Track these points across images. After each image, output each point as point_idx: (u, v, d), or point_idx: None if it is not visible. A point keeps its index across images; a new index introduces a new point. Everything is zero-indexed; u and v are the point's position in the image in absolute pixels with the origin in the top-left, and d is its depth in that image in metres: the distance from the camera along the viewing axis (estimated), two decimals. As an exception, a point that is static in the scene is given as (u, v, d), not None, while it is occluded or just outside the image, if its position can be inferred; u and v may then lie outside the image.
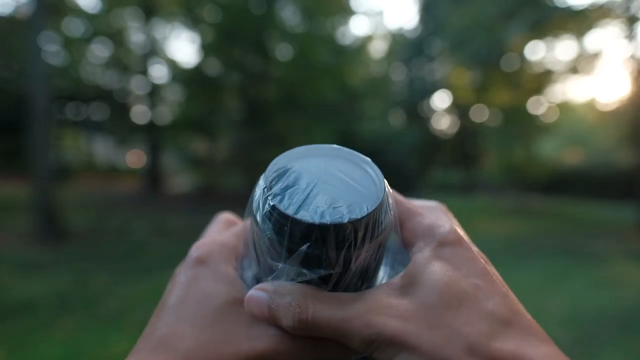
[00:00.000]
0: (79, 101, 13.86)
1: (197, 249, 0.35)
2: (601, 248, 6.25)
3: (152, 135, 12.12)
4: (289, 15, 10.77)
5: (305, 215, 0.28)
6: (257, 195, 0.32)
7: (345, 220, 0.28)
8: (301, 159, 0.33)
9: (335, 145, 0.34)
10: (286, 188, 0.30)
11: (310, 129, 10.71)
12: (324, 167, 0.32)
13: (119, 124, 14.43)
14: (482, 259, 0.31)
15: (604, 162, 14.08)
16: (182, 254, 0.36)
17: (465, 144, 17.11)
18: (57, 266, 4.67)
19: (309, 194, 0.30)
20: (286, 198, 0.29)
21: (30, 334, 2.98)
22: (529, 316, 0.28)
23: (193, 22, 10.95)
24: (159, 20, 11.89)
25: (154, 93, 12.33)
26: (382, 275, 0.35)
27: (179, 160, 15.02)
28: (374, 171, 0.33)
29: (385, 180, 0.32)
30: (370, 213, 0.29)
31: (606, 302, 3.87)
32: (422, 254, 0.31)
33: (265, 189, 0.30)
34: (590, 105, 16.10)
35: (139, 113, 13.63)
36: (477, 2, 9.83)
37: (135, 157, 18.06)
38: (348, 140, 12.33)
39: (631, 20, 8.15)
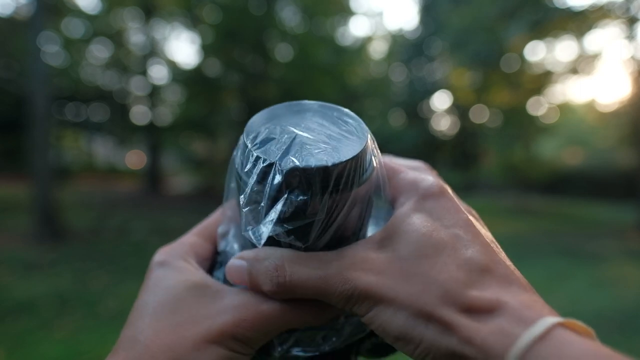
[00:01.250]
0: (79, 102, 13.86)
1: (158, 253, 0.36)
2: (601, 248, 6.25)
3: (152, 136, 12.12)
4: (289, 16, 10.77)
5: (288, 161, 0.28)
6: (239, 153, 0.32)
7: (330, 164, 0.28)
8: (280, 115, 0.33)
9: (315, 101, 0.34)
10: (267, 140, 0.30)
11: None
12: (306, 120, 0.32)
13: (119, 124, 14.44)
14: (465, 210, 0.31)
15: (604, 163, 14.09)
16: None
17: (465, 144, 17.10)
18: (57, 266, 4.67)
19: (291, 143, 0.29)
20: (269, 148, 0.29)
21: (30, 334, 2.98)
22: (509, 264, 0.28)
23: (193, 22, 10.95)
24: (159, 21, 11.90)
25: (154, 93, 12.33)
26: (370, 233, 0.35)
27: (178, 161, 15.04)
28: (356, 121, 0.33)
29: (369, 131, 0.32)
30: (354, 157, 0.29)
31: (606, 302, 3.87)
32: (403, 208, 0.31)
33: (248, 143, 0.30)
34: (590, 106, 16.10)
35: (139, 113, 13.64)
36: (477, 2, 9.83)
37: (135, 158, 18.06)
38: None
39: (631, 21, 8.15)
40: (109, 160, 18.99)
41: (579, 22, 8.75)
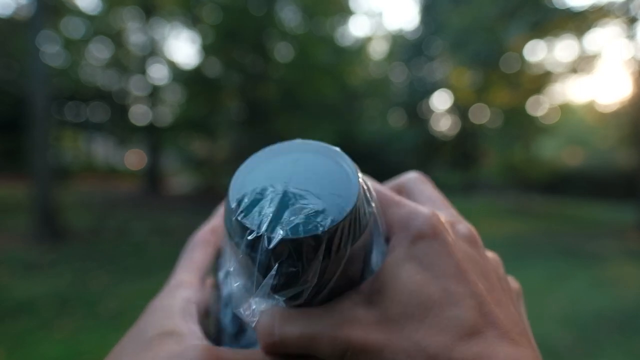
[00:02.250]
0: (79, 102, 13.87)
1: (155, 316, 0.34)
2: (601, 248, 6.25)
3: (152, 136, 12.12)
4: (289, 16, 10.78)
5: (276, 232, 0.26)
6: (227, 212, 0.30)
7: (320, 231, 0.26)
8: (265, 163, 0.31)
9: (299, 140, 0.32)
10: (254, 203, 0.28)
11: (310, 129, 10.71)
12: (290, 169, 0.30)
13: (118, 124, 14.45)
14: (458, 250, 0.28)
15: (604, 163, 14.10)
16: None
17: (465, 145, 17.10)
18: (57, 266, 4.67)
19: (279, 203, 0.27)
20: (256, 214, 0.27)
21: (30, 334, 2.98)
22: (503, 316, 0.26)
23: (193, 22, 10.96)
24: (159, 21, 11.90)
25: (154, 93, 12.33)
26: (374, 260, 0.34)
27: (179, 161, 15.04)
28: (346, 163, 0.30)
29: (359, 172, 0.30)
30: (348, 214, 0.27)
31: (606, 302, 3.87)
32: (394, 254, 0.29)
33: (234, 207, 0.28)
34: (590, 106, 16.12)
35: (139, 114, 13.64)
36: (477, 2, 9.83)
37: (134, 158, 18.06)
38: (348, 140, 12.34)
39: (631, 21, 8.15)
40: (109, 161, 18.99)
41: (579, 22, 8.76)
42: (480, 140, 15.82)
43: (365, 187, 0.30)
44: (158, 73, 12.67)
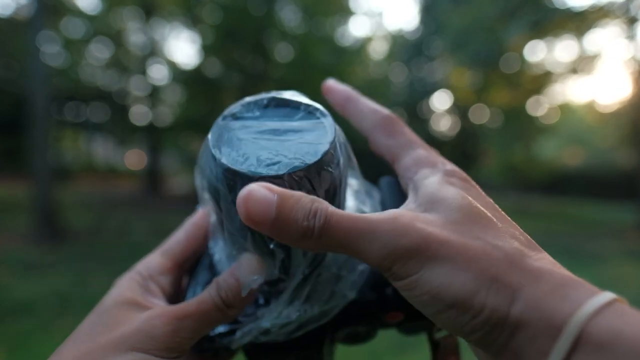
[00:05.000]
0: (79, 102, 13.87)
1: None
2: (601, 248, 6.25)
3: (152, 136, 12.12)
4: (289, 16, 10.78)
5: (260, 169, 0.27)
6: (204, 157, 0.31)
7: (302, 166, 0.27)
8: (242, 112, 0.33)
9: (273, 93, 0.34)
10: (229, 142, 0.30)
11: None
12: (267, 116, 0.32)
13: (118, 124, 14.45)
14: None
15: (604, 163, 14.09)
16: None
17: (465, 144, 17.10)
18: (57, 266, 4.67)
19: (257, 145, 0.29)
20: (233, 153, 0.29)
21: (30, 334, 2.98)
22: None
23: (193, 22, 10.96)
24: (159, 21, 11.90)
25: (154, 93, 12.33)
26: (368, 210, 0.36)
27: (178, 161, 15.02)
28: (325, 118, 0.32)
29: (333, 121, 0.32)
30: (324, 155, 0.29)
31: (606, 302, 3.86)
32: (431, 179, 0.30)
33: (214, 147, 0.29)
34: (590, 106, 16.12)
35: (139, 114, 13.64)
36: (477, 2, 9.83)
37: (134, 158, 18.06)
38: (348, 140, 12.31)
39: (631, 21, 8.15)
40: (109, 161, 18.98)
41: (579, 22, 8.76)
42: (481, 140, 15.82)
43: (338, 136, 0.32)
44: (158, 73, 12.68)
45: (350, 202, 0.37)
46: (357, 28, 25.74)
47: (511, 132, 12.19)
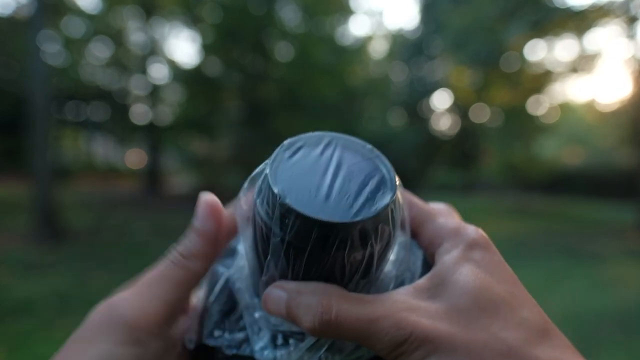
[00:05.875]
0: (79, 101, 13.86)
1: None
2: (601, 248, 6.25)
3: (152, 135, 12.12)
4: (289, 15, 10.77)
5: (313, 211, 0.26)
6: (261, 178, 0.30)
7: (359, 218, 0.26)
8: (311, 146, 0.31)
9: (349, 137, 0.32)
10: (293, 175, 0.28)
11: (311, 129, 10.60)
12: (337, 157, 0.30)
13: (119, 124, 14.44)
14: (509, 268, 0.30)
15: (604, 162, 14.09)
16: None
17: (465, 144, 17.10)
18: (57, 266, 4.67)
19: (318, 186, 0.28)
20: (292, 187, 0.27)
21: (30, 334, 2.98)
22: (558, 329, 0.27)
23: (193, 21, 10.96)
24: (159, 20, 11.89)
25: (154, 93, 12.33)
26: (386, 277, 0.33)
27: (179, 160, 15.03)
28: (386, 168, 0.31)
29: (397, 176, 0.31)
30: (384, 208, 0.27)
31: (606, 302, 3.87)
32: (450, 255, 0.29)
33: (271, 175, 0.28)
34: (590, 106, 16.12)
35: (139, 113, 13.63)
36: (477, 1, 9.83)
37: (135, 157, 18.06)
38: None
39: (631, 20, 8.15)
40: (109, 160, 18.98)
41: (579, 22, 8.75)
42: (481, 140, 15.82)
43: (399, 192, 0.30)
44: (158, 72, 12.67)
45: (389, 266, 0.34)
46: (357, 27, 25.76)
47: (511, 132, 12.19)
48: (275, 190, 0.27)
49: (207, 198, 0.34)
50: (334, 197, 0.27)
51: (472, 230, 0.31)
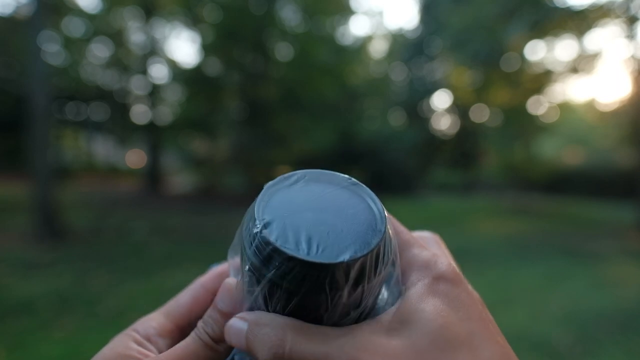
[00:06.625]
0: (79, 101, 13.87)
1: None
2: (601, 248, 6.25)
3: (152, 135, 12.13)
4: (289, 15, 10.78)
5: (298, 251, 0.26)
6: (246, 226, 0.29)
7: (347, 259, 0.26)
8: (295, 185, 0.30)
9: (331, 172, 0.32)
10: (280, 219, 0.28)
11: (311, 129, 10.71)
12: (320, 196, 0.30)
13: (119, 123, 14.46)
14: (478, 301, 0.29)
15: (604, 162, 14.07)
16: (182, 254, 0.36)
17: (465, 144, 17.10)
18: (57, 266, 4.67)
19: (304, 226, 0.27)
20: (279, 231, 0.27)
21: (30, 333, 2.98)
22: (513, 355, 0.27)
23: (193, 21, 10.96)
24: (159, 20, 11.90)
25: (154, 93, 12.34)
26: (381, 303, 0.33)
27: (179, 160, 15.04)
28: (374, 201, 0.30)
29: (386, 211, 0.30)
30: (373, 250, 0.27)
31: (606, 302, 3.87)
32: (415, 289, 0.29)
33: (257, 220, 0.27)
34: (590, 106, 16.10)
35: (139, 113, 13.65)
36: (477, 2, 9.83)
37: (135, 157, 18.07)
38: (348, 139, 12.33)
39: (631, 20, 8.14)
40: (109, 160, 18.99)
41: (579, 22, 8.75)
42: (480, 140, 15.83)
43: (389, 229, 0.30)
44: (158, 72, 12.70)
45: (385, 292, 0.34)
46: (357, 27, 25.76)
47: (511, 132, 12.20)
48: (258, 230, 0.27)
49: (231, 281, 0.34)
50: (321, 236, 0.27)
51: (443, 263, 0.30)
